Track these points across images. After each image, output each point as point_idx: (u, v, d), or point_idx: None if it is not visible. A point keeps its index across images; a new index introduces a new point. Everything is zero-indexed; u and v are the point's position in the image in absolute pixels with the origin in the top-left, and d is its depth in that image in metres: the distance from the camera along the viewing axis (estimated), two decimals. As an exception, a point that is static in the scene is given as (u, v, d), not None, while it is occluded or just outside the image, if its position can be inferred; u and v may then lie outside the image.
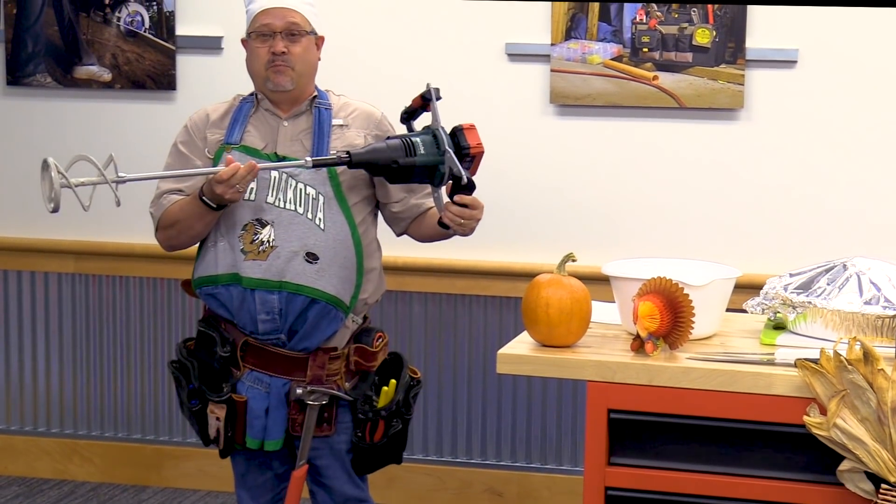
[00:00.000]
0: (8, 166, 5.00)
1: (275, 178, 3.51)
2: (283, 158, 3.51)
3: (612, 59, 4.50)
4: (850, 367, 2.81)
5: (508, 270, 4.64)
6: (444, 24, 4.63)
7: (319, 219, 3.50)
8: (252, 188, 3.50)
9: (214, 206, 3.46)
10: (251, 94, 3.66)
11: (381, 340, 3.65)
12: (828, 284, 3.14)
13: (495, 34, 4.60)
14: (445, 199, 3.48)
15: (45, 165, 3.40)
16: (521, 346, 3.13)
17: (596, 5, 4.47)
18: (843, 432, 2.83)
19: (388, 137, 3.50)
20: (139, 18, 4.80)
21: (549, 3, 4.51)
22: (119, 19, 4.80)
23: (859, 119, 4.41)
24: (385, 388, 3.58)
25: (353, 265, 3.54)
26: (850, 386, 2.82)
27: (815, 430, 2.86)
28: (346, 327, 3.58)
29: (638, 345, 3.03)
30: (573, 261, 3.19)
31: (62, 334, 5.03)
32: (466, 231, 3.53)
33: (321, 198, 3.52)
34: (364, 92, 4.68)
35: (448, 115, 4.62)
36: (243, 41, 3.64)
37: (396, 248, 4.62)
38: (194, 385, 3.55)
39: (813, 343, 3.02)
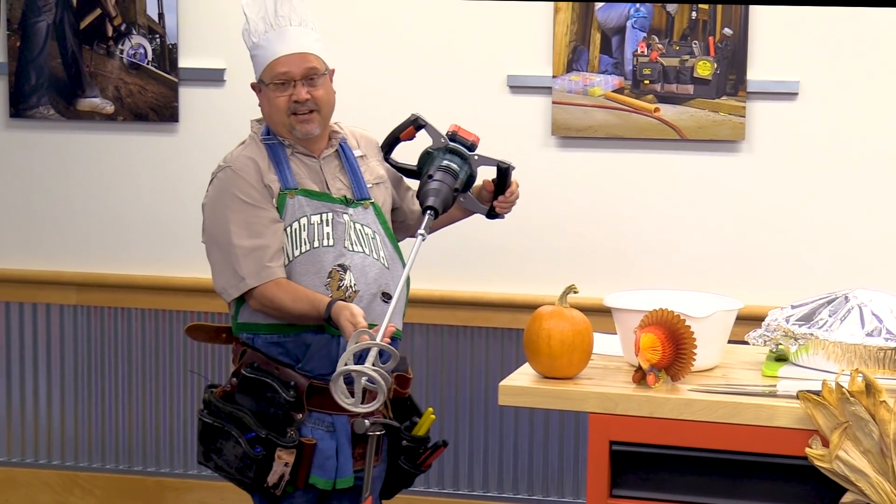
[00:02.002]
0: (11, 198, 5.00)
1: (348, 221, 3.50)
2: (351, 202, 3.53)
3: (614, 91, 4.51)
4: (852, 398, 2.81)
5: (510, 302, 4.63)
6: (445, 56, 4.64)
7: (382, 257, 3.53)
8: (328, 233, 3.49)
9: (332, 323, 3.39)
10: (272, 136, 3.56)
11: (411, 367, 3.70)
12: (829, 316, 3.14)
13: (497, 66, 4.61)
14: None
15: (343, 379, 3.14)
16: (522, 378, 3.13)
17: (598, 38, 4.48)
18: (845, 464, 2.83)
19: (429, 177, 3.50)
20: (142, 51, 4.81)
21: (552, 32, 4.52)
22: (122, 52, 4.81)
23: (860, 150, 4.42)
24: (430, 415, 3.62)
25: (405, 296, 3.60)
26: (852, 418, 2.82)
27: (817, 462, 2.85)
28: None
29: (640, 376, 3.03)
30: (575, 292, 3.19)
31: (64, 366, 5.03)
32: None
33: (377, 236, 3.55)
34: (365, 123, 4.69)
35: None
36: (254, 86, 3.59)
37: (398, 279, 4.64)
38: (255, 433, 3.45)
39: (815, 375, 3.02)
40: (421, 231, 3.34)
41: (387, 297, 3.49)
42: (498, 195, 3.63)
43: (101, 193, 4.93)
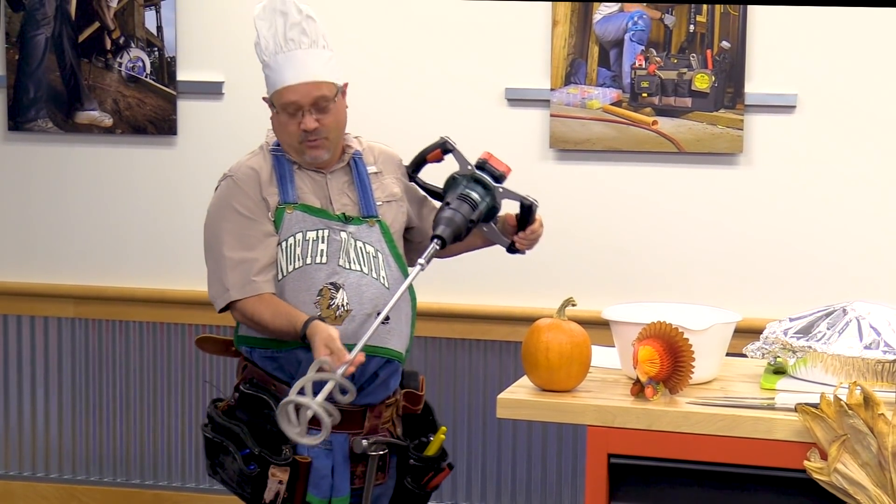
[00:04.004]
0: (9, 211, 5.01)
1: (345, 238, 3.44)
2: (353, 219, 3.46)
3: (612, 104, 4.51)
4: (850, 411, 2.81)
5: (508, 315, 4.63)
6: (444, 69, 4.65)
7: (383, 277, 3.45)
8: (322, 250, 3.43)
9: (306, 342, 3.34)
10: (280, 148, 3.51)
11: (423, 382, 3.65)
12: (828, 329, 3.14)
13: (495, 79, 4.61)
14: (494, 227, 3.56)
15: (288, 407, 3.12)
16: (520, 391, 3.13)
17: (596, 51, 4.49)
18: (843, 477, 2.82)
19: (446, 204, 3.44)
20: (140, 64, 4.82)
21: (550, 45, 4.53)
22: (121, 65, 4.82)
23: (858, 163, 4.42)
24: (440, 435, 3.58)
25: (409, 318, 3.52)
26: (850, 431, 2.82)
27: (815, 475, 2.85)
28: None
29: (638, 389, 3.03)
30: (573, 305, 3.19)
31: (62, 379, 5.02)
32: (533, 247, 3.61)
33: (380, 255, 3.47)
34: (364, 135, 4.70)
35: (449, 160, 4.64)
36: (265, 99, 3.52)
37: (396, 292, 4.63)
38: (250, 450, 3.42)
39: (813, 388, 3.02)
40: (421, 261, 3.29)
41: (386, 319, 3.39)
42: (520, 230, 3.55)
43: (99, 206, 4.93)
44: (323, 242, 3.43)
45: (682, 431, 2.95)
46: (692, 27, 4.43)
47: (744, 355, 3.28)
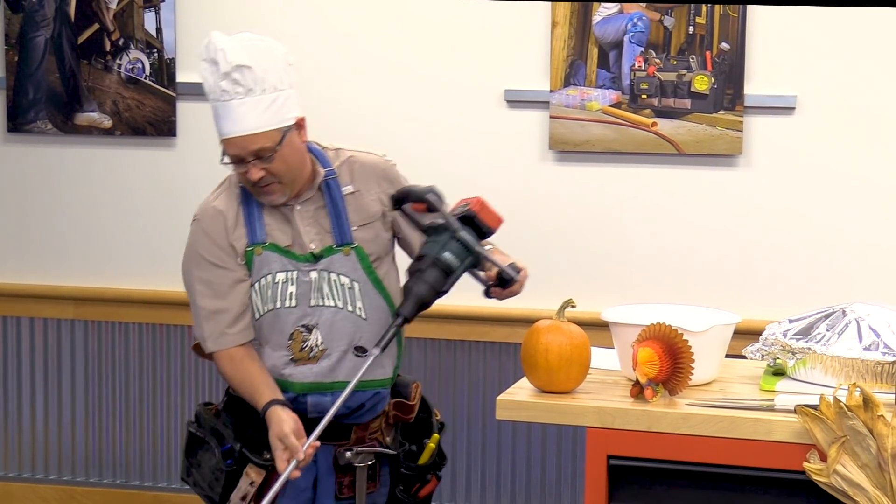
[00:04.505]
0: (8, 212, 5.01)
1: (315, 279, 3.34)
2: (320, 255, 3.33)
3: (611, 106, 4.51)
4: (849, 413, 2.81)
5: (507, 316, 4.63)
6: (443, 70, 4.65)
7: (360, 308, 3.36)
8: (291, 293, 3.34)
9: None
10: None
11: (416, 390, 3.56)
12: (827, 330, 3.14)
13: (494, 80, 4.61)
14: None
15: None
16: (520, 393, 3.13)
17: (595, 52, 4.49)
18: (843, 479, 2.82)
19: (419, 271, 3.23)
20: (140, 65, 4.82)
21: (549, 46, 4.53)
22: (120, 66, 4.82)
23: (857, 165, 4.42)
24: (430, 444, 3.51)
25: (395, 345, 3.44)
26: (850, 432, 2.82)
27: (815, 477, 2.85)
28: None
29: (637, 391, 3.03)
30: (572, 307, 3.19)
31: (61, 380, 5.02)
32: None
33: (356, 285, 3.35)
34: (362, 139, 4.70)
35: (448, 162, 4.65)
36: None
37: (396, 293, 4.63)
38: (230, 445, 3.39)
39: (812, 389, 3.02)
40: (375, 350, 3.17)
41: (360, 350, 3.33)
42: (498, 286, 3.31)
43: (98, 208, 4.93)
44: (292, 285, 3.34)
45: (681, 433, 2.95)
46: (691, 29, 4.43)
47: (743, 357, 3.28)
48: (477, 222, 3.25)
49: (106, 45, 4.83)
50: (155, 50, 4.80)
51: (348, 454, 3.38)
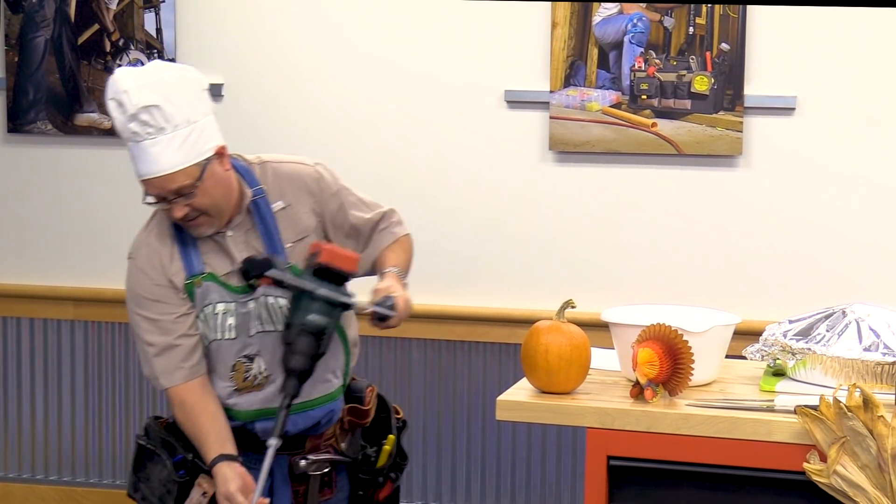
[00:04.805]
0: (8, 213, 5.01)
1: (253, 308, 3.25)
2: (256, 285, 3.21)
3: (611, 106, 4.51)
4: (849, 413, 2.81)
5: (507, 317, 4.63)
6: (443, 71, 4.65)
7: None
8: (230, 325, 3.26)
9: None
10: None
11: (371, 394, 3.47)
12: (827, 331, 3.14)
13: (494, 81, 4.61)
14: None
15: None
16: (520, 393, 3.13)
17: (595, 53, 4.49)
18: (843, 479, 2.83)
19: (288, 344, 3.14)
20: (140, 66, 4.81)
21: (549, 47, 4.53)
22: (120, 67, 4.81)
23: (858, 165, 4.42)
24: (386, 446, 3.45)
25: (341, 353, 3.37)
26: (850, 433, 2.82)
27: (815, 477, 2.85)
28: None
29: (637, 391, 3.03)
30: (572, 307, 3.19)
31: (61, 381, 5.02)
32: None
33: None
34: (362, 139, 4.70)
35: (448, 163, 4.65)
36: None
37: (396, 294, 4.63)
38: (182, 456, 3.32)
39: (812, 390, 3.02)
40: (270, 440, 3.09)
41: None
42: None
43: (98, 208, 4.93)
44: (231, 316, 3.26)
45: (681, 433, 2.95)
46: (691, 29, 4.43)
47: (743, 357, 3.28)
48: (333, 271, 3.16)
49: (106, 46, 4.83)
50: (155, 51, 4.80)
51: (302, 463, 3.32)
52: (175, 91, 3.16)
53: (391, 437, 3.46)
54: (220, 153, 3.22)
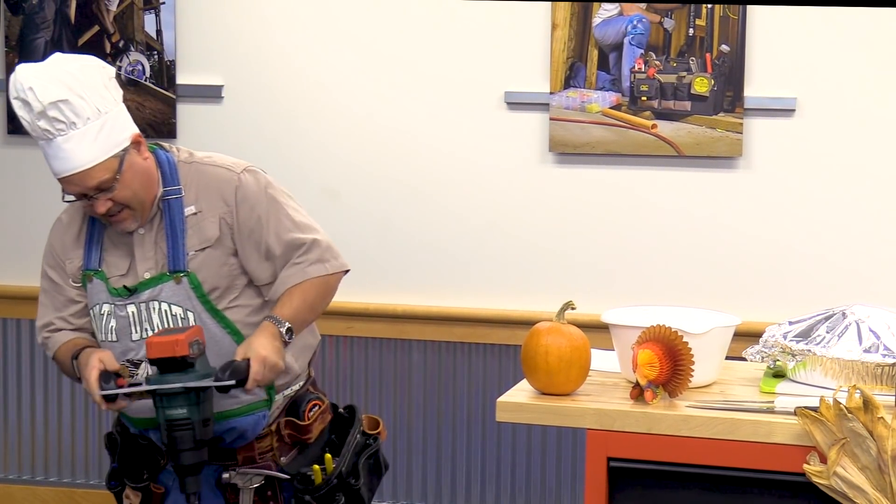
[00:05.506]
0: (8, 214, 5.01)
1: (133, 313, 3.15)
2: (135, 289, 3.14)
3: (611, 108, 4.51)
4: (849, 415, 2.81)
5: (507, 318, 4.63)
6: (443, 73, 4.65)
7: None
8: (112, 327, 3.16)
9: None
10: None
11: (315, 409, 3.31)
12: (827, 332, 3.13)
13: (494, 82, 4.61)
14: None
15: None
16: (520, 395, 3.13)
17: (595, 54, 4.49)
18: (843, 481, 2.82)
19: (164, 445, 3.07)
20: (140, 67, 4.82)
21: (549, 48, 4.53)
22: (120, 68, 4.82)
23: (858, 166, 4.42)
24: (316, 466, 3.26)
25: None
26: (850, 434, 2.82)
27: (815, 479, 2.85)
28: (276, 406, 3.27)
29: (637, 393, 3.02)
30: (572, 309, 3.19)
31: (61, 382, 5.02)
32: None
33: (190, 315, 3.14)
34: (362, 140, 4.70)
35: (448, 164, 4.65)
36: None
37: (395, 296, 4.64)
38: (115, 465, 3.27)
39: (812, 391, 3.02)
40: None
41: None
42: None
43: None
44: (112, 319, 3.18)
45: (681, 435, 2.94)
46: (691, 31, 4.43)
47: (743, 359, 3.28)
48: (167, 361, 3.00)
49: (106, 47, 4.83)
50: (155, 52, 4.80)
51: (225, 475, 3.21)
52: (81, 83, 3.05)
53: (328, 456, 3.28)
54: (137, 141, 3.13)
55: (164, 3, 4.78)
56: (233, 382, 3.02)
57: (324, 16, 4.71)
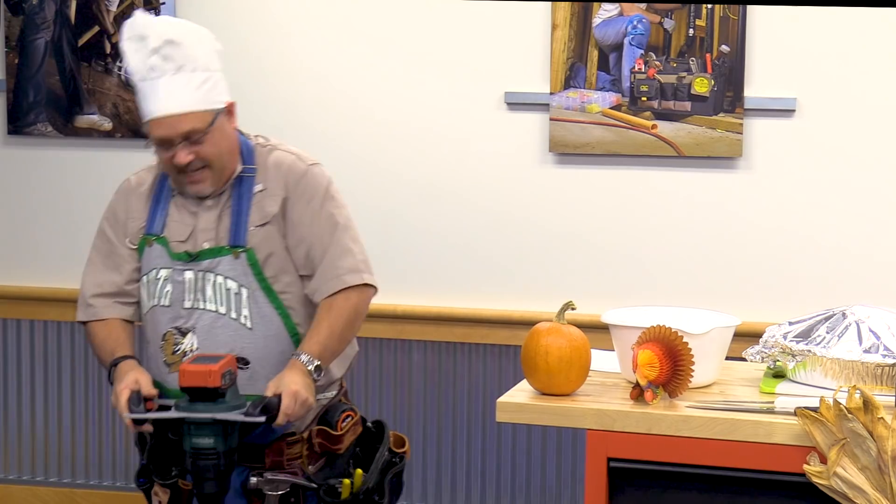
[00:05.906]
0: (9, 215, 5.01)
1: (190, 279, 3.20)
2: (196, 255, 3.20)
3: (611, 108, 4.51)
4: (850, 415, 2.81)
5: (508, 319, 4.63)
6: (443, 73, 4.65)
7: (245, 316, 3.18)
8: (167, 292, 3.21)
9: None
10: None
11: (348, 420, 3.33)
12: (827, 333, 3.14)
13: (494, 83, 4.61)
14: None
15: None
16: (520, 395, 3.13)
17: (595, 55, 4.49)
18: (843, 481, 2.82)
19: (190, 476, 3.14)
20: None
21: (549, 49, 4.53)
22: (120, 69, 4.82)
23: (857, 167, 4.42)
24: (345, 480, 3.27)
25: (282, 355, 3.23)
26: (850, 434, 2.82)
27: (815, 479, 2.85)
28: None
29: (637, 393, 3.03)
30: (572, 309, 3.19)
31: (61, 382, 5.02)
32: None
33: (244, 291, 3.19)
34: (362, 140, 4.70)
35: (448, 164, 4.65)
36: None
37: (395, 296, 4.63)
38: (144, 462, 3.28)
39: (812, 391, 3.02)
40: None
41: (242, 362, 3.16)
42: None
43: (99, 210, 4.90)
44: (168, 283, 3.22)
45: (681, 435, 2.95)
46: (692, 31, 4.43)
47: (743, 359, 3.28)
48: (197, 389, 3.02)
49: (106, 48, 4.83)
50: (155, 52, 4.79)
51: (254, 479, 3.22)
52: (195, 38, 3.20)
53: (359, 471, 3.29)
54: (230, 110, 3.24)
55: (164, 3, 4.78)
56: (263, 419, 3.05)
57: (323, 16, 4.71)
